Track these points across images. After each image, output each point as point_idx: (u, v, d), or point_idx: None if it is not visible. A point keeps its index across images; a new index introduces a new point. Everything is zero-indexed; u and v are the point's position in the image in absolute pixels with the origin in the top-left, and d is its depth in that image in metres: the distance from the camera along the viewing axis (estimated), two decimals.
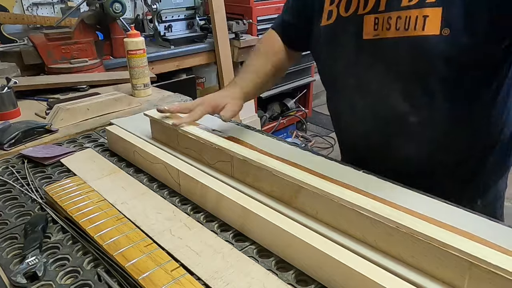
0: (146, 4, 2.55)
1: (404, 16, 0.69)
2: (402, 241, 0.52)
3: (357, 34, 0.76)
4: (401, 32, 0.70)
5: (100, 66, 1.62)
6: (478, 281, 0.46)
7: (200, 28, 2.54)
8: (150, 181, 0.80)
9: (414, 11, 0.68)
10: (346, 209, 0.57)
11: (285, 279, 0.54)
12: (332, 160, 0.82)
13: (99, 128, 1.08)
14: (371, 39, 0.75)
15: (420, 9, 0.67)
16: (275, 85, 2.63)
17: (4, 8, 2.15)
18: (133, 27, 1.33)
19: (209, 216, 0.68)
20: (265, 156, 0.70)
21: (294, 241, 0.55)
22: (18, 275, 0.54)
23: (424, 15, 0.67)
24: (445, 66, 0.69)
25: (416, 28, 0.68)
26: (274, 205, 0.66)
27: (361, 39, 0.76)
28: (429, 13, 0.67)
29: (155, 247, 0.57)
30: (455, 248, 0.46)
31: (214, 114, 0.89)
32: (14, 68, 1.43)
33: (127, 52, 1.25)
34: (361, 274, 0.47)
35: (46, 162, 0.88)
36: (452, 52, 0.67)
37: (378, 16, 0.73)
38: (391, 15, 0.71)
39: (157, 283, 0.50)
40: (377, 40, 0.74)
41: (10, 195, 0.77)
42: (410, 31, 0.69)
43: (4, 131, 0.97)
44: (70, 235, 0.64)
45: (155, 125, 0.92)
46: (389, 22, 0.71)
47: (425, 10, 0.67)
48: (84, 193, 0.71)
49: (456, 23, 0.66)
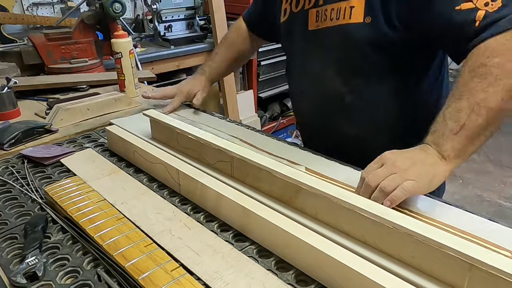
0: (146, 4, 2.55)
1: (337, 7, 0.80)
2: (402, 241, 0.52)
3: (304, 26, 0.87)
4: (334, 21, 0.81)
5: (100, 66, 1.62)
6: (478, 282, 0.46)
7: (200, 28, 2.54)
8: (150, 181, 0.80)
9: (343, 2, 0.78)
10: (346, 210, 0.57)
11: (285, 279, 0.54)
12: (332, 160, 0.82)
13: (99, 128, 1.08)
14: (314, 30, 0.86)
15: (348, 1, 0.78)
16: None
17: (4, 8, 2.15)
18: (120, 27, 1.32)
19: (209, 216, 0.68)
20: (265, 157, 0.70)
21: (294, 241, 0.55)
22: (18, 275, 0.54)
23: (351, 5, 0.77)
24: (371, 50, 0.78)
25: (344, 17, 0.78)
26: (274, 205, 0.66)
27: (306, 30, 0.87)
28: (355, 4, 0.77)
29: (155, 247, 0.57)
30: (455, 249, 0.46)
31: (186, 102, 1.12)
32: (14, 68, 1.43)
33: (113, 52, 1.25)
34: (361, 274, 0.47)
35: (46, 162, 0.88)
36: (375, 37, 0.76)
37: (319, 9, 0.84)
38: (327, 8, 0.82)
39: (157, 283, 0.50)
40: (318, 30, 0.85)
41: (10, 195, 0.77)
42: (340, 20, 0.79)
43: (4, 131, 0.97)
44: (70, 235, 0.64)
45: (155, 125, 0.92)
46: (326, 13, 0.82)
47: (352, 1, 0.77)
48: (84, 193, 0.71)
49: (376, 11, 0.74)
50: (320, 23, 0.84)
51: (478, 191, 2.76)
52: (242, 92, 2.94)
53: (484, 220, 0.62)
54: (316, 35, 0.85)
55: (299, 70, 0.95)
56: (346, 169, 0.78)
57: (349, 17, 0.78)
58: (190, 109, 1.16)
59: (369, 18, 0.75)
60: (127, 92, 1.29)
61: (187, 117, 1.07)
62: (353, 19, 0.77)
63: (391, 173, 0.61)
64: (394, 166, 0.62)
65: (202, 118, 1.07)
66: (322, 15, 0.83)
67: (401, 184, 0.60)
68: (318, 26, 0.85)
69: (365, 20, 0.76)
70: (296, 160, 0.81)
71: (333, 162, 0.81)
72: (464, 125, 0.63)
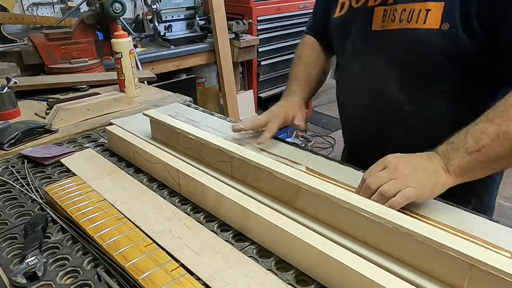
0: (146, 4, 2.55)
1: (409, 8, 0.72)
2: (402, 241, 0.52)
3: (366, 25, 0.80)
4: (404, 24, 0.73)
5: (100, 66, 1.62)
6: (478, 282, 0.46)
7: (200, 28, 2.54)
8: (150, 181, 0.80)
9: (418, 4, 0.71)
10: (346, 210, 0.57)
11: (285, 279, 0.54)
12: (332, 160, 0.82)
13: (99, 128, 1.08)
14: (378, 30, 0.78)
15: (423, 3, 0.70)
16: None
17: (4, 8, 2.15)
18: (120, 27, 1.32)
19: (209, 216, 0.68)
20: (266, 157, 0.70)
21: (294, 241, 0.55)
22: (18, 275, 0.54)
23: (427, 8, 0.69)
24: (443, 60, 0.71)
25: (418, 21, 0.71)
26: (274, 205, 0.66)
27: (369, 30, 0.80)
28: (432, 7, 0.69)
29: (155, 247, 0.57)
30: (455, 249, 0.46)
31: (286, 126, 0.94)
32: (14, 68, 1.43)
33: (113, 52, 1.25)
34: (361, 274, 0.47)
35: (46, 162, 0.88)
36: (450, 47, 0.69)
37: (387, 8, 0.76)
38: (397, 8, 0.74)
39: (157, 283, 0.50)
40: (383, 31, 0.77)
41: (10, 195, 0.77)
42: (412, 24, 0.72)
43: (4, 131, 0.97)
44: (70, 235, 0.64)
45: (155, 125, 0.92)
46: (395, 14, 0.75)
47: (428, 4, 0.69)
48: (84, 193, 0.71)
49: (456, 18, 0.67)
50: (386, 24, 0.76)
51: None
52: (242, 92, 2.95)
53: (484, 220, 0.62)
54: (380, 36, 0.78)
55: (355, 70, 0.87)
56: (346, 169, 0.78)
57: (423, 22, 0.70)
58: (190, 109, 1.16)
59: (447, 24, 0.68)
60: (127, 92, 1.29)
61: (187, 117, 1.07)
62: (427, 25, 0.69)
63: (392, 178, 0.61)
64: (395, 171, 0.61)
65: (202, 118, 1.07)
66: (390, 15, 0.75)
67: (402, 190, 0.59)
68: (383, 27, 0.77)
69: (442, 27, 0.68)
70: (296, 160, 0.81)
71: (333, 162, 0.81)
72: (482, 148, 0.60)
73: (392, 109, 0.81)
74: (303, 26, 3.37)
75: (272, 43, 3.05)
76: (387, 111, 0.83)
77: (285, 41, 3.15)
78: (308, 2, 3.25)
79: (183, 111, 1.12)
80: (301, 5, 3.19)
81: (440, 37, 0.69)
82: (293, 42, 3.23)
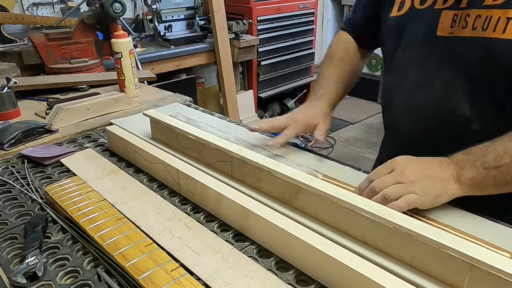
0: (146, 4, 2.56)
1: (485, 15, 0.64)
2: (402, 241, 0.52)
3: (430, 29, 0.72)
4: (478, 32, 0.65)
5: (100, 66, 1.62)
6: (478, 282, 0.46)
7: (200, 28, 2.55)
8: (150, 181, 0.80)
9: (497, 11, 0.63)
10: (346, 210, 0.57)
11: (285, 279, 0.54)
12: (332, 160, 0.83)
13: (99, 128, 1.08)
14: (445, 36, 0.70)
15: (505, 10, 0.62)
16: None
17: (4, 8, 2.15)
18: (120, 27, 1.32)
19: (209, 216, 0.68)
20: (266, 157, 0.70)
21: (294, 241, 0.55)
22: (18, 275, 0.54)
23: (508, 17, 0.62)
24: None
25: (495, 29, 0.63)
26: (274, 205, 0.66)
27: (434, 34, 0.71)
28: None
29: (155, 247, 0.57)
30: (455, 249, 0.46)
31: (302, 133, 0.88)
32: (14, 68, 1.43)
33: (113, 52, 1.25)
34: (361, 274, 0.47)
35: (46, 162, 0.88)
36: None
37: (458, 12, 0.68)
38: (471, 13, 0.66)
39: (157, 283, 0.50)
40: (450, 38, 0.70)
41: (10, 195, 0.77)
42: (488, 32, 0.64)
43: (4, 131, 0.97)
44: (70, 235, 0.64)
45: (155, 125, 0.92)
46: (467, 20, 0.67)
47: (510, 12, 0.62)
48: (84, 193, 0.71)
49: None
50: (456, 30, 0.68)
51: None
52: (242, 92, 2.95)
53: (484, 220, 0.62)
54: (446, 42, 0.70)
55: (411, 77, 0.77)
56: (346, 169, 0.78)
57: (502, 31, 0.62)
58: (190, 109, 1.16)
59: None
60: (127, 92, 1.29)
61: (187, 117, 1.07)
62: (507, 34, 0.62)
63: (397, 182, 0.59)
64: (402, 175, 0.60)
65: (202, 118, 1.07)
66: (462, 21, 0.67)
67: (404, 196, 0.58)
68: (451, 33, 0.69)
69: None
70: (297, 161, 0.81)
71: (334, 163, 0.81)
72: (500, 167, 0.57)
73: (456, 125, 0.72)
74: (303, 26, 3.40)
75: (272, 43, 3.05)
76: (447, 126, 0.73)
77: (285, 41, 3.16)
78: (308, 2, 3.26)
79: (183, 111, 1.12)
80: (301, 5, 3.19)
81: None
82: (293, 42, 3.23)
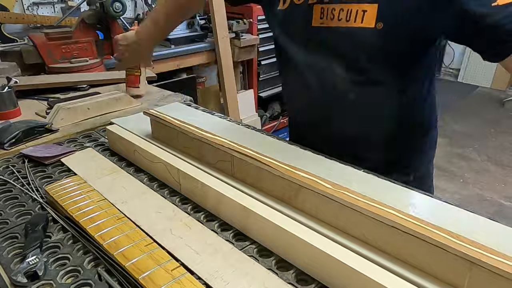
0: (146, 4, 2.56)
1: (346, 8, 0.79)
2: (403, 241, 0.52)
3: (307, 21, 0.86)
4: (343, 22, 0.80)
5: (100, 65, 1.62)
6: (478, 281, 0.46)
7: (200, 27, 2.54)
8: (151, 181, 0.80)
9: (354, 5, 0.77)
10: (346, 209, 0.57)
11: (285, 279, 0.54)
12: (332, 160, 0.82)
13: (100, 127, 1.08)
14: (318, 26, 0.85)
15: (359, 4, 0.77)
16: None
17: (4, 7, 2.15)
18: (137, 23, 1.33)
19: (210, 216, 0.68)
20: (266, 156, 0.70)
21: (294, 241, 0.55)
22: (18, 275, 0.54)
23: (363, 9, 0.77)
24: (379, 54, 0.79)
25: (355, 20, 0.78)
26: (274, 205, 0.66)
27: (310, 26, 0.86)
28: (367, 8, 0.76)
29: (156, 247, 0.57)
30: (455, 249, 0.46)
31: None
32: (15, 67, 1.43)
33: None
34: (361, 274, 0.47)
35: (46, 161, 0.88)
36: (384, 43, 0.76)
37: (324, 6, 0.82)
38: (335, 7, 0.80)
39: (157, 282, 0.50)
40: (323, 27, 0.84)
41: (10, 194, 0.77)
42: (350, 23, 0.79)
43: (4, 131, 0.97)
44: (70, 234, 0.64)
45: (155, 124, 0.92)
46: (333, 12, 0.81)
47: (364, 6, 0.76)
48: (84, 192, 0.71)
49: (389, 18, 0.74)
50: (325, 21, 0.83)
51: (479, 191, 2.76)
52: (242, 91, 2.95)
53: (485, 220, 0.62)
54: (320, 32, 0.85)
55: (299, 64, 0.93)
56: (345, 168, 0.78)
57: (360, 21, 0.77)
58: (191, 108, 1.16)
59: (381, 24, 0.75)
60: (141, 88, 1.28)
61: (187, 117, 1.07)
62: (364, 24, 0.77)
63: None
64: None
65: (202, 118, 1.07)
66: (329, 14, 0.82)
67: None
68: (322, 24, 0.84)
69: (377, 26, 0.75)
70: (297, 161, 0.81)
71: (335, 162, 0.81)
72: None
73: (339, 98, 0.88)
74: None
75: (273, 42, 3.04)
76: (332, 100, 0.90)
77: None
78: None
79: (183, 111, 1.12)
80: None
81: (375, 34, 0.76)
82: None
